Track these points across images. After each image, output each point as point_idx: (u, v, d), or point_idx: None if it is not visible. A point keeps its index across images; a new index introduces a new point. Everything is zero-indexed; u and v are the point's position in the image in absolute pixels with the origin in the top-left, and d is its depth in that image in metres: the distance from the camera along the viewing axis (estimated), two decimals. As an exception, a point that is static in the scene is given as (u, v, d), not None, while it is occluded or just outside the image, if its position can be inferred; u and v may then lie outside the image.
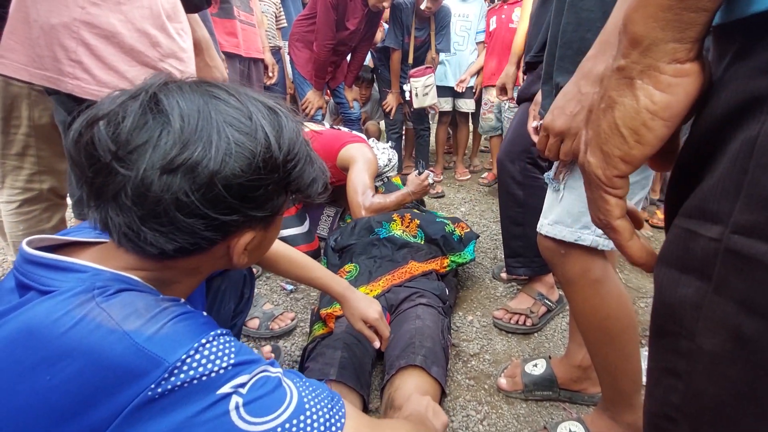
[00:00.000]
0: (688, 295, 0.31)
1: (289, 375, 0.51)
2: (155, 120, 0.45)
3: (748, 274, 0.27)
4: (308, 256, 0.95)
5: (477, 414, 1.09)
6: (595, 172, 0.35)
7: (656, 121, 0.31)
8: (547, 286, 1.50)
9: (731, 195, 0.28)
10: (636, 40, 0.30)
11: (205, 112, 0.46)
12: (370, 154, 1.83)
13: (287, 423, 0.45)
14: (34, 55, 0.75)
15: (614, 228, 0.36)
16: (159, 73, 0.50)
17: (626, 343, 0.85)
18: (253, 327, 1.38)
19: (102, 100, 0.47)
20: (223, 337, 0.46)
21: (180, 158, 0.44)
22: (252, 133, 0.48)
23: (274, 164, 0.49)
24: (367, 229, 1.58)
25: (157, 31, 0.83)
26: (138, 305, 0.44)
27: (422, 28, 2.75)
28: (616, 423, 0.91)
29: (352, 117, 2.83)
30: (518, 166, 1.40)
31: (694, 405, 0.31)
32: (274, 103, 0.53)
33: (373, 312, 0.95)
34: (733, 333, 0.28)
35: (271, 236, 0.59)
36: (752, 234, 0.27)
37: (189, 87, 0.48)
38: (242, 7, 2.03)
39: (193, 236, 0.47)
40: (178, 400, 0.41)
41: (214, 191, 0.45)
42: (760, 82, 0.27)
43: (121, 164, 0.44)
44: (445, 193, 2.87)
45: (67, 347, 0.40)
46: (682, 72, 0.29)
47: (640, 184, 0.84)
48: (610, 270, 0.86)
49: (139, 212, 0.45)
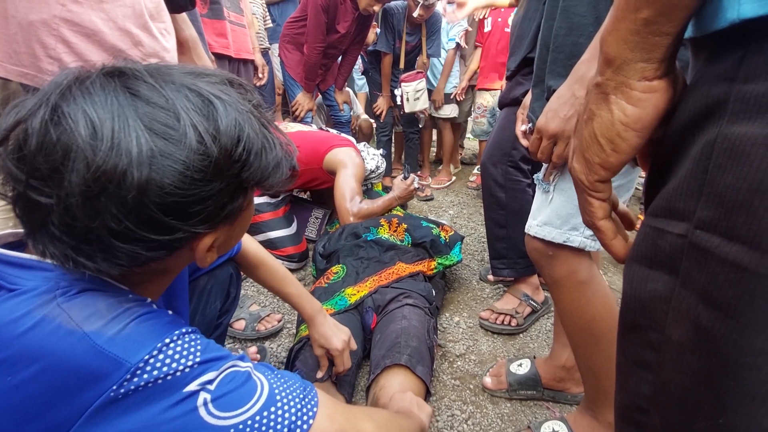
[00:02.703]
0: (657, 290, 0.32)
1: (259, 368, 0.50)
2: (61, 138, 0.38)
3: (706, 267, 0.29)
4: (288, 271, 0.93)
5: (462, 413, 1.09)
6: (579, 177, 0.38)
7: (629, 132, 0.34)
8: (532, 287, 1.51)
9: (695, 193, 0.30)
10: (609, 59, 0.33)
11: (121, 118, 0.39)
12: (358, 159, 1.83)
13: (257, 415, 0.45)
14: (11, 51, 0.74)
15: (598, 228, 0.40)
16: (64, 71, 0.43)
17: (611, 343, 0.85)
18: (239, 328, 1.37)
19: (2, 117, 0.41)
20: (188, 335, 0.45)
21: (99, 182, 0.38)
22: (180, 138, 0.40)
23: (215, 170, 0.42)
24: (354, 234, 1.59)
25: (140, 30, 0.83)
26: (100, 306, 0.42)
27: (413, 33, 2.77)
28: (598, 422, 0.92)
29: (342, 119, 2.84)
30: (500, 169, 1.42)
31: (663, 395, 0.33)
32: (208, 88, 0.44)
33: (337, 342, 0.93)
34: (694, 323, 0.30)
35: (240, 228, 0.54)
36: (709, 228, 0.28)
37: (100, 85, 0.40)
38: (232, 8, 2.03)
39: (137, 259, 0.43)
40: (143, 399, 0.41)
41: (146, 213, 0.40)
42: (720, 88, 0.29)
43: (38, 192, 0.39)
44: (434, 197, 2.88)
45: (27, 348, 0.39)
46: (650, 88, 0.32)
47: (625, 187, 0.85)
48: (596, 272, 0.87)
49: (71, 242, 0.40)
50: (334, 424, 0.51)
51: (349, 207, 1.68)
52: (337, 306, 1.25)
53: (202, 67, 0.48)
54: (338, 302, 1.27)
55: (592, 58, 0.65)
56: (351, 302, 1.28)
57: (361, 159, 1.85)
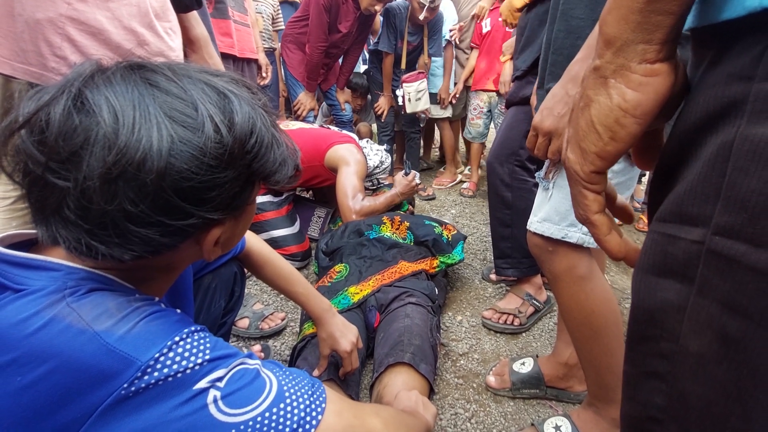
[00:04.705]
0: (668, 299, 0.31)
1: (268, 365, 0.51)
2: (83, 122, 0.40)
3: (730, 275, 0.27)
4: (295, 269, 0.92)
5: (465, 412, 1.09)
6: (573, 167, 0.36)
7: (628, 119, 0.32)
8: (535, 287, 1.51)
9: (711, 198, 0.28)
10: (609, 41, 0.31)
11: (141, 106, 0.41)
12: (359, 155, 1.82)
13: (267, 412, 0.45)
14: (18, 49, 0.74)
15: (592, 222, 0.37)
16: (84, 62, 0.44)
17: (611, 338, 0.86)
18: (243, 327, 1.37)
19: (21, 102, 0.42)
20: (197, 333, 0.46)
21: (119, 165, 0.39)
22: (199, 127, 0.42)
23: (229, 159, 0.44)
24: (356, 232, 1.59)
25: (145, 29, 0.83)
26: (109, 305, 0.43)
27: (415, 33, 2.77)
28: (601, 418, 0.92)
29: (344, 119, 2.84)
30: (507, 168, 1.42)
31: (680, 405, 0.31)
32: (223, 83, 0.46)
33: (345, 344, 0.92)
34: (719, 334, 0.28)
35: (244, 224, 0.55)
36: (732, 235, 0.27)
37: (121, 76, 0.42)
38: (236, 7, 2.03)
39: (149, 244, 0.43)
40: (153, 397, 0.41)
41: (163, 197, 0.41)
42: (735, 88, 0.28)
43: (56, 175, 0.40)
44: (436, 196, 2.88)
45: (36, 348, 0.39)
46: (651, 71, 0.30)
47: (625, 185, 0.86)
48: (595, 268, 0.88)
49: (86, 226, 0.41)
50: (342, 421, 0.51)
51: (351, 204, 1.68)
52: (341, 305, 1.26)
53: (213, 68, 0.50)
54: (341, 301, 1.27)
55: (585, 57, 0.65)
56: (354, 301, 1.28)
57: (362, 155, 1.84)
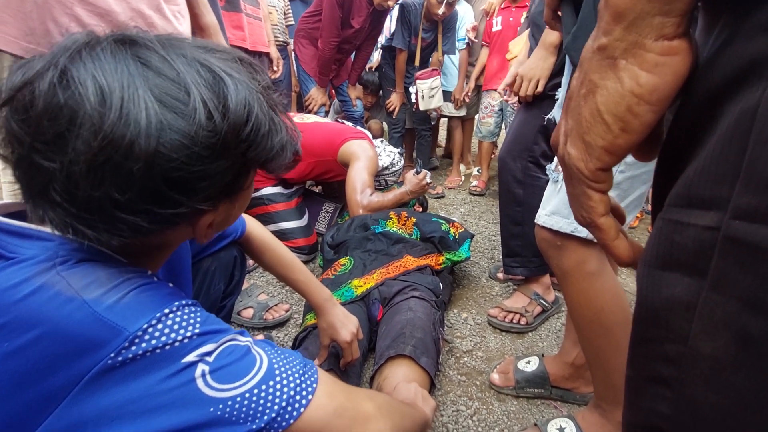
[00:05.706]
0: (675, 295, 0.28)
1: (259, 344, 0.50)
2: (68, 102, 0.37)
3: (752, 267, 0.23)
4: (296, 257, 0.91)
5: (467, 409, 1.07)
6: (576, 165, 0.31)
7: (642, 106, 0.27)
8: (543, 287, 1.48)
9: (728, 176, 0.24)
10: (619, 13, 0.26)
11: (131, 88, 0.38)
12: (372, 152, 1.81)
13: (256, 388, 0.45)
14: (26, 29, 0.75)
15: (598, 226, 0.33)
16: (73, 34, 0.42)
17: (620, 337, 0.83)
18: (247, 317, 1.37)
19: (6, 78, 0.40)
20: (188, 307, 0.45)
21: (105, 151, 0.37)
22: (190, 113, 0.40)
23: (223, 148, 0.42)
24: (362, 226, 1.58)
25: (152, 11, 0.83)
26: (100, 275, 0.42)
27: (430, 29, 2.75)
28: (607, 420, 0.89)
29: (355, 115, 2.84)
30: (519, 164, 1.39)
31: (688, 415, 0.28)
32: (220, 64, 0.43)
33: (345, 334, 0.90)
34: (737, 335, 0.25)
35: (239, 206, 0.53)
36: (755, 218, 0.23)
37: (111, 53, 0.39)
38: (248, 0, 2.05)
39: (138, 231, 0.42)
40: (141, 368, 0.40)
41: (152, 186, 0.39)
42: (758, 44, 0.24)
43: (42, 156, 0.38)
44: (445, 194, 2.86)
45: (24, 315, 0.39)
46: (670, 50, 0.26)
47: (640, 178, 0.81)
48: (606, 263, 0.85)
49: (73, 210, 0.40)
50: (334, 402, 0.50)
51: (359, 199, 1.67)
52: (344, 297, 1.25)
53: (213, 42, 0.48)
54: (345, 293, 1.27)
55: None
56: (357, 294, 1.27)
57: (374, 152, 1.83)
